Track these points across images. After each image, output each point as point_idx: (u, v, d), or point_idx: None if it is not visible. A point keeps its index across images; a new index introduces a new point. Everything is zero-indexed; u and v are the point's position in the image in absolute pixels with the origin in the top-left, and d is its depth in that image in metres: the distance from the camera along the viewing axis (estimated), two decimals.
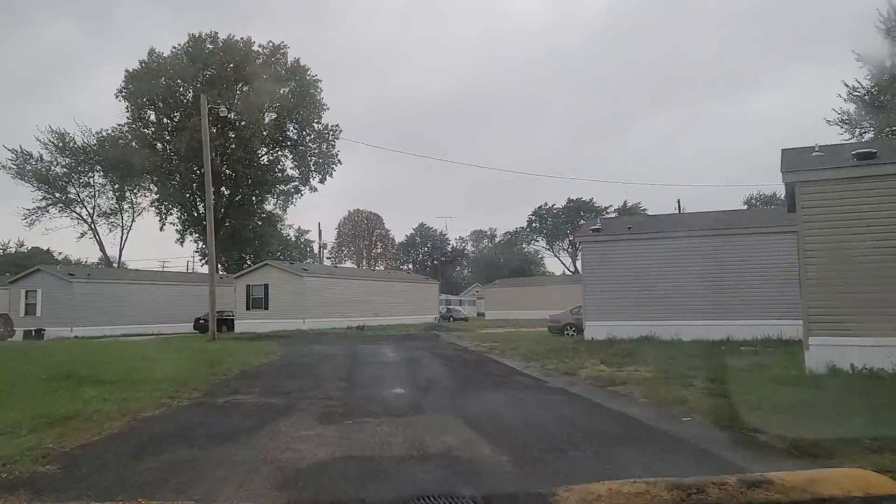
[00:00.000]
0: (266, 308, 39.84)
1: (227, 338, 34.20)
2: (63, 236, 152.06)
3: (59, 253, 73.95)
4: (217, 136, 59.34)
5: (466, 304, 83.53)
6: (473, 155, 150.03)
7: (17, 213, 58.68)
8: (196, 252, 64.45)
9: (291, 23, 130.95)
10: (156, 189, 59.87)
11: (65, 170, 53.66)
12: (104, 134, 56.71)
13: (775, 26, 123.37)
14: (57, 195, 54.17)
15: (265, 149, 66.11)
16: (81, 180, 55.50)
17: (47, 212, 54.82)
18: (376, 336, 34.11)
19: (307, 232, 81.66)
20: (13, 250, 71.18)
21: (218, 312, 41.01)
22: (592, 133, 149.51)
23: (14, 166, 50.77)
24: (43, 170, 52.15)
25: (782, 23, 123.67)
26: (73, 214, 55.77)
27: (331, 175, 66.47)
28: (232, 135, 63.72)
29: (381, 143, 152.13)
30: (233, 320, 40.95)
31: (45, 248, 73.29)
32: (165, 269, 49.59)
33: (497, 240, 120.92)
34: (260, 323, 39.55)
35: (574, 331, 28.85)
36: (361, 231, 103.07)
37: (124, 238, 60.34)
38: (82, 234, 57.01)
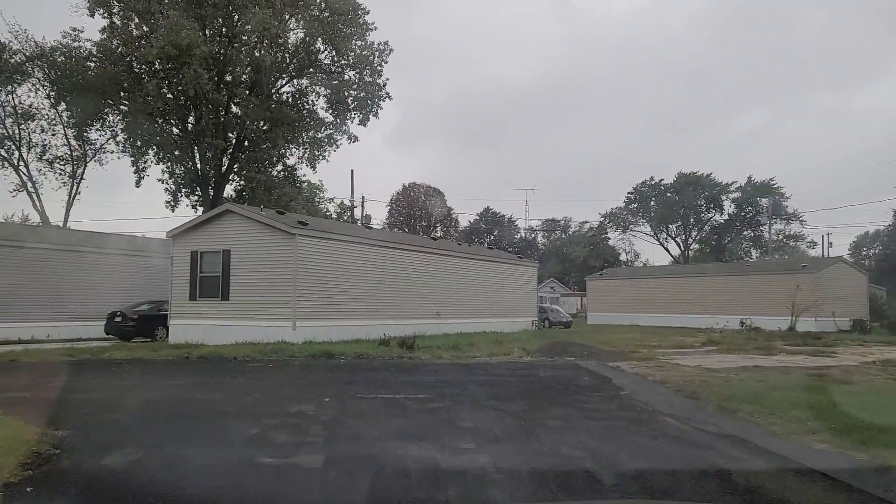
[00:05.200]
0: (225, 297, 20.84)
1: (121, 359, 15.73)
2: None
3: None
4: (216, 53, 40.65)
5: (555, 302, 63.38)
6: (552, 145, 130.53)
7: None
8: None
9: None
10: (123, 128, 41.69)
11: None
12: (54, 45, 38.82)
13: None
14: None
15: (286, 77, 46.97)
16: (8, 106, 37.65)
17: None
18: (446, 370, 14.78)
19: (352, 207, 62.01)
20: None
21: (152, 304, 22.31)
22: (679, 125, 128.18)
23: None
24: None
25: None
26: None
27: (375, 115, 47.09)
28: (242, 53, 44.57)
29: (457, 133, 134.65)
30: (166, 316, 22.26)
31: None
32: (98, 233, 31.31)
33: (572, 230, 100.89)
34: (213, 326, 20.66)
35: None
36: (418, 209, 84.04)
37: (73, 192, 42.41)
38: (17, 189, 39.48)
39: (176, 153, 44.62)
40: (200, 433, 7.61)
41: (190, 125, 44.63)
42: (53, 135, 40.60)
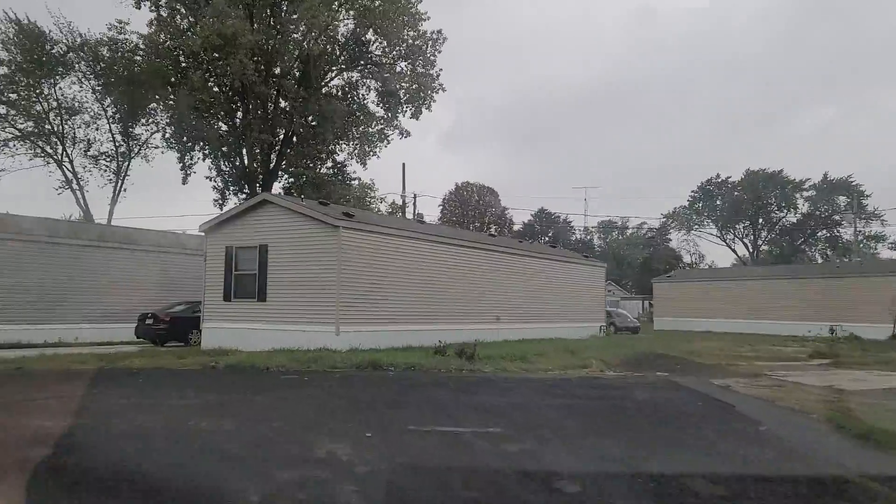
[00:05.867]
0: (261, 298, 18.65)
1: (139, 369, 13.70)
2: (21, 182, 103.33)
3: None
4: (263, 44, 39.03)
5: (615, 305, 59.92)
6: (610, 144, 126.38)
7: None
8: None
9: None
10: (169, 122, 40.27)
11: (28, 81, 34.79)
12: (99, 37, 37.59)
13: None
14: (16, 116, 35.37)
15: (335, 70, 45.04)
16: (52, 99, 36.49)
17: (7, 146, 36.58)
18: (516, 389, 12.12)
19: (403, 203, 59.78)
20: None
21: (188, 305, 20.41)
22: (745, 122, 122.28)
23: None
24: None
25: None
26: (40, 151, 37.05)
27: (428, 107, 44.72)
28: (290, 44, 42.91)
29: (510, 133, 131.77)
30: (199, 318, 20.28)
31: None
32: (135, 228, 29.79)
33: (629, 232, 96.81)
34: (248, 330, 18.49)
35: None
36: (471, 208, 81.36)
37: (118, 189, 41.11)
38: (62, 186, 38.34)
39: (223, 149, 43.23)
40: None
41: (237, 120, 43.23)
42: (97, 129, 39.47)
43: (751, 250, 76.04)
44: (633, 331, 37.08)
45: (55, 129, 37.64)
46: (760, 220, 74.75)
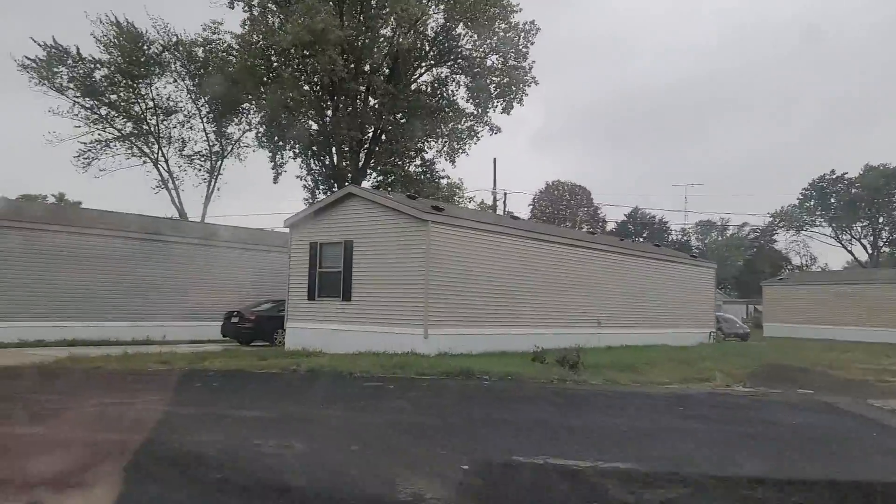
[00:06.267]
0: (346, 297, 17.54)
1: (216, 371, 12.80)
2: (117, 183, 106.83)
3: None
4: (353, 40, 38.58)
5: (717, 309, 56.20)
6: (710, 142, 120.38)
7: (49, 142, 37.22)
8: None
9: None
10: (261, 121, 40.40)
11: (127, 81, 35.47)
12: (194, 38, 38.06)
13: None
14: (116, 117, 36.17)
15: (424, 66, 44.04)
16: (148, 98, 37.06)
17: (109, 147, 37.44)
18: (633, 406, 10.35)
19: (494, 200, 58.11)
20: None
21: (274, 304, 19.72)
22: (860, 116, 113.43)
23: (38, 67, 33.23)
24: (82, 74, 34.12)
25: None
26: (138, 151, 37.78)
27: (520, 101, 43.02)
28: (380, 40, 42.29)
29: (603, 131, 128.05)
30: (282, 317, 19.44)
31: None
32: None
33: (730, 232, 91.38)
34: (333, 331, 17.41)
35: None
36: (562, 208, 78.88)
37: (211, 188, 41.50)
38: (160, 185, 39.06)
39: (313, 148, 43.13)
40: None
41: (327, 118, 43.02)
42: (191, 128, 40.05)
43: (870, 252, 70.12)
44: (741, 337, 34.13)
45: (152, 129, 38.35)
46: (881, 220, 68.77)
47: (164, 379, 11.96)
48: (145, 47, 36.07)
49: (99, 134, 36.81)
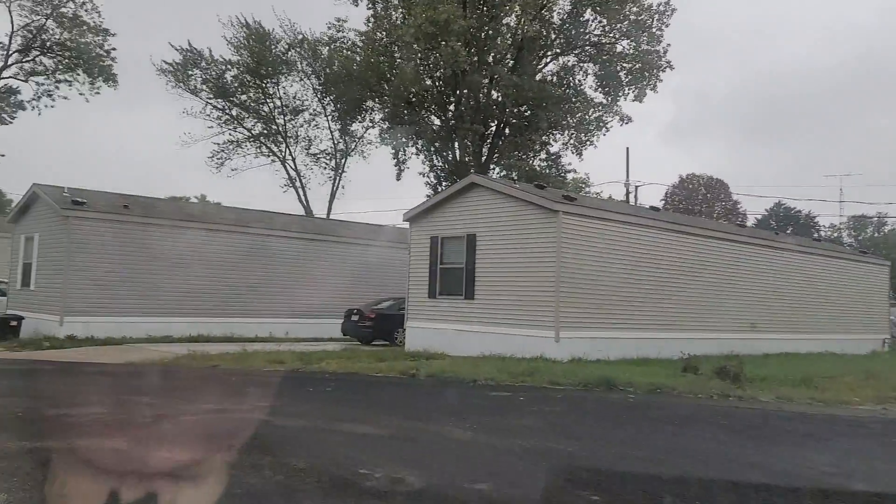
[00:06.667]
0: (469, 295, 16.18)
1: (332, 374, 11.91)
2: (246, 183, 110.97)
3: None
4: (475, 30, 37.59)
5: None
6: (863, 132, 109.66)
7: (185, 143, 37.55)
8: None
9: None
10: (384, 118, 40.23)
11: (255, 81, 36.21)
12: (319, 36, 38.35)
13: None
14: (246, 118, 37.00)
15: (550, 55, 42.21)
16: (276, 98, 37.61)
17: (240, 147, 38.46)
18: (830, 437, 8.32)
19: (627, 192, 55.02)
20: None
21: (394, 301, 18.89)
22: None
23: (174, 70, 34.49)
24: (214, 76, 35.12)
25: None
26: (267, 150, 38.47)
27: (653, 88, 40.28)
28: (503, 28, 41.08)
29: (740, 123, 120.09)
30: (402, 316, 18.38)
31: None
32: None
33: (888, 228, 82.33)
34: (455, 332, 16.13)
35: None
36: (697, 202, 74.05)
37: (336, 185, 41.56)
38: (287, 184, 39.65)
39: (436, 144, 42.47)
40: None
41: (450, 113, 42.22)
42: (316, 126, 40.44)
43: None
44: None
45: (280, 128, 39.02)
46: None
47: (276, 381, 11.15)
48: (272, 47, 36.68)
49: (230, 134, 37.86)
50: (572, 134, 42.35)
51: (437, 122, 42.63)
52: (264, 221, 23.40)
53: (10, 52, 34.30)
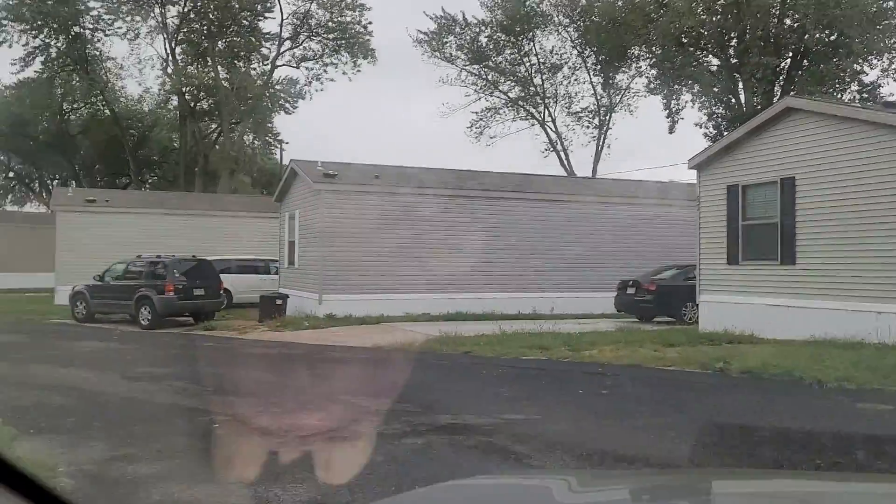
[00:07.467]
0: (787, 259, 11.97)
1: (605, 366, 9.12)
2: (501, 151, 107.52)
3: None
4: None
5: None
6: None
7: (443, 114, 37.62)
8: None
9: None
10: (652, 64, 36.08)
11: (510, 39, 34.08)
12: None
13: None
14: (501, 80, 35.08)
15: None
16: (534, 58, 35.04)
17: (498, 113, 36.78)
18: None
19: None
20: None
21: (679, 270, 15.54)
22: None
23: (429, 39, 33.64)
24: (469, 40, 33.57)
25: None
26: (525, 114, 36.13)
27: None
28: None
29: None
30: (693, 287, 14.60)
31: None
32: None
33: None
34: (769, 307, 12.15)
35: None
36: None
37: (601, 145, 37.77)
38: (548, 148, 37.07)
39: (714, 89, 37.12)
40: None
41: (731, 50, 36.63)
42: (577, 81, 37.54)
43: None
44: None
45: (538, 89, 36.82)
46: None
47: (536, 377, 8.64)
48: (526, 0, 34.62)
49: (487, 100, 36.66)
50: (894, 57, 34.30)
51: (716, 62, 37.27)
52: (518, 184, 21.19)
53: (283, 40, 36.60)
